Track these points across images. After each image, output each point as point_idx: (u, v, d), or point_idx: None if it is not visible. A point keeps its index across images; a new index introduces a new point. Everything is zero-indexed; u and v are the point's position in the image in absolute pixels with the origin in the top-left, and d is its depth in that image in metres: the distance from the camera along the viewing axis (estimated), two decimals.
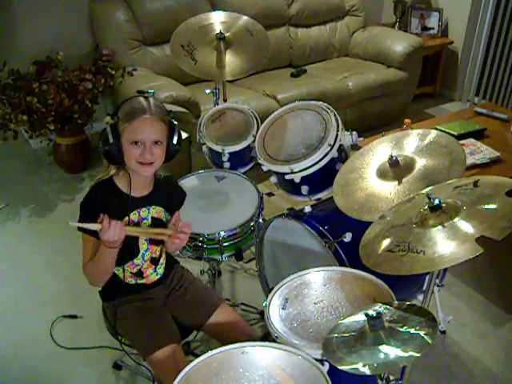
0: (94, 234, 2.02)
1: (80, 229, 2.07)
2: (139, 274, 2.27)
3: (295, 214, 2.64)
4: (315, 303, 2.08)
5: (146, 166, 2.07)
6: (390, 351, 1.60)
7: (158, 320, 2.28)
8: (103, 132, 2.04)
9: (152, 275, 2.31)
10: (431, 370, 2.86)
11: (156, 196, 2.21)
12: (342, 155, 2.68)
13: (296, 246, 2.74)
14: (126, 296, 2.28)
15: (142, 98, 2.07)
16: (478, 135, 3.64)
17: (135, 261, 2.22)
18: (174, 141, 2.14)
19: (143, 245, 2.23)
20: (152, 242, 2.25)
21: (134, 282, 2.28)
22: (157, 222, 2.24)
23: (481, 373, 2.87)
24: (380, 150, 2.37)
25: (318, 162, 2.57)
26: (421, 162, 2.20)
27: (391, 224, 1.87)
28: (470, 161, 3.25)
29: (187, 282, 2.45)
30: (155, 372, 2.18)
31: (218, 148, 3.03)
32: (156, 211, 2.23)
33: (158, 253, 2.31)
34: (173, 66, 4.05)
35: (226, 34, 3.25)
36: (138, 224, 2.18)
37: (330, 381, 1.67)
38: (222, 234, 2.66)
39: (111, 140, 2.01)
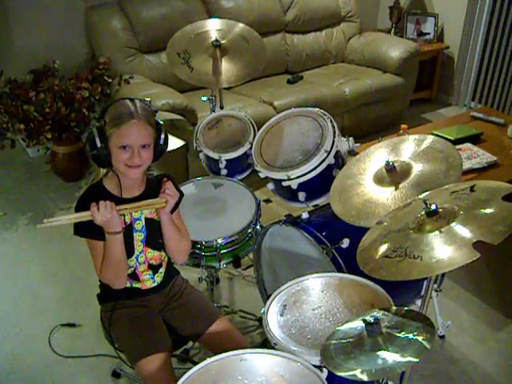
0: (96, 235, 2.06)
1: (81, 234, 2.10)
2: (134, 276, 2.27)
3: (293, 221, 2.64)
4: (313, 309, 2.08)
5: (133, 168, 2.07)
6: (389, 357, 1.60)
7: (150, 327, 2.28)
8: (90, 135, 2.04)
9: (148, 281, 2.31)
10: (430, 375, 2.85)
11: (148, 196, 2.19)
12: (339, 161, 2.68)
13: (294, 253, 2.74)
14: (122, 299, 2.28)
15: (128, 101, 2.07)
16: (475, 140, 3.64)
17: (129, 262, 2.22)
18: (161, 141, 2.15)
19: (138, 246, 2.22)
20: (149, 244, 2.26)
21: (129, 284, 2.28)
22: (151, 223, 2.24)
23: (480, 377, 2.87)
24: (377, 156, 2.38)
25: (314, 169, 2.57)
26: (417, 168, 2.20)
27: (388, 229, 1.87)
28: (466, 165, 3.26)
29: (186, 292, 2.44)
30: (142, 379, 2.17)
31: (214, 155, 3.03)
32: (149, 211, 2.23)
33: (158, 260, 2.30)
34: (169, 73, 4.06)
35: (222, 42, 3.26)
36: (130, 225, 2.19)
37: None
38: (220, 241, 2.66)
39: (99, 144, 2.02)
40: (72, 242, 2.14)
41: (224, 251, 2.72)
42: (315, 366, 1.76)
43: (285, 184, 2.64)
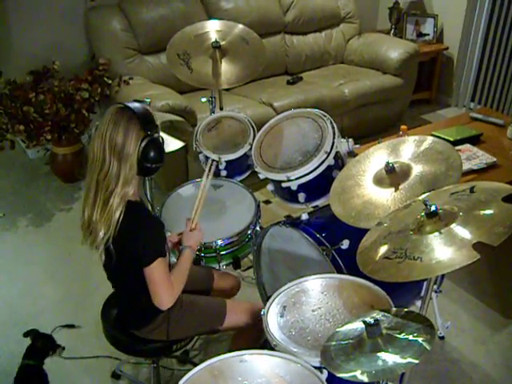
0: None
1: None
2: None
3: (292, 222, 2.64)
4: (313, 311, 2.08)
5: None
6: (389, 358, 1.60)
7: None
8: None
9: None
10: (430, 377, 2.86)
11: None
12: (339, 162, 2.68)
13: (293, 254, 2.74)
14: None
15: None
16: (474, 141, 3.64)
17: None
18: None
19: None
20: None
21: None
22: None
23: (480, 378, 2.87)
24: (376, 157, 2.38)
25: (314, 170, 2.57)
26: (417, 169, 2.20)
27: (388, 231, 1.87)
28: (466, 166, 3.26)
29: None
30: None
31: (214, 156, 3.03)
32: None
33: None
34: (169, 74, 4.05)
35: (222, 43, 3.26)
36: None
37: None
38: (220, 242, 2.66)
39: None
40: (72, 243, 2.14)
41: (223, 252, 2.72)
42: (315, 367, 1.76)
43: (284, 185, 2.64)
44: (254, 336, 2.42)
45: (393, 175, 2.21)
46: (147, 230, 2.08)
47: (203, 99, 3.37)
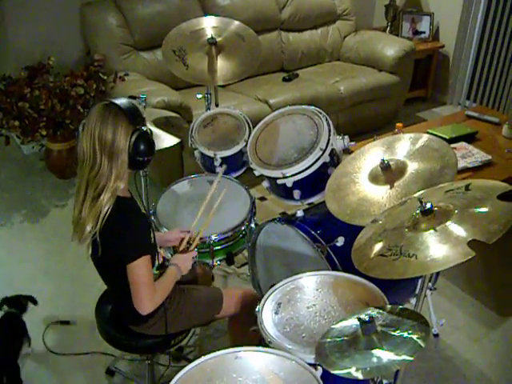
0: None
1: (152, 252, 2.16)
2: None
3: (287, 219, 2.64)
4: (308, 308, 2.08)
5: None
6: (383, 355, 1.60)
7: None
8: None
9: None
10: (424, 374, 2.86)
11: None
12: (334, 159, 2.68)
13: (288, 251, 2.74)
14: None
15: None
16: (470, 139, 3.65)
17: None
18: None
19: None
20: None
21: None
22: None
23: (474, 376, 2.88)
24: (372, 154, 2.38)
25: (309, 167, 2.57)
26: (412, 166, 2.20)
27: (383, 228, 1.87)
28: (461, 164, 3.26)
29: None
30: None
31: (209, 153, 3.03)
32: None
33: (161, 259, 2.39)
34: (164, 70, 4.05)
35: (218, 39, 3.26)
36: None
37: None
38: (214, 237, 2.66)
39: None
40: (66, 239, 2.12)
41: (217, 248, 2.72)
42: (310, 364, 1.76)
43: (280, 182, 2.64)
44: (249, 319, 2.43)
45: (388, 172, 2.21)
46: (133, 227, 2.06)
47: (199, 96, 3.37)
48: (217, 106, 3.49)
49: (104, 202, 1.99)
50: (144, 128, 2.04)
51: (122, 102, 2.02)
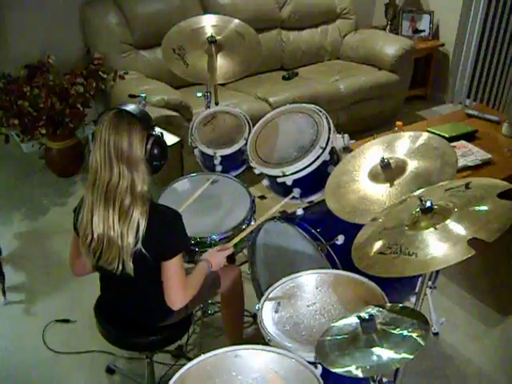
0: None
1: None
2: None
3: (287, 217, 2.64)
4: (308, 306, 2.08)
5: None
6: (383, 353, 1.60)
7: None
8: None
9: None
10: (424, 372, 2.86)
11: None
12: (334, 158, 2.68)
13: (288, 249, 2.74)
14: None
15: None
16: (470, 137, 3.65)
17: None
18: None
19: None
20: None
21: None
22: None
23: (474, 374, 2.88)
24: (372, 153, 2.38)
25: (309, 165, 2.57)
26: (412, 165, 2.20)
27: (383, 226, 1.87)
28: (461, 163, 3.26)
29: None
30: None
31: (209, 151, 3.02)
32: None
33: None
34: (164, 69, 4.04)
35: (218, 38, 3.25)
36: None
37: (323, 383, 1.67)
38: (214, 237, 2.66)
39: None
40: (66, 237, 2.12)
41: None
42: (310, 363, 1.76)
43: (280, 180, 2.64)
44: (239, 295, 2.67)
45: (388, 171, 2.21)
46: (172, 227, 2.08)
47: (199, 94, 3.36)
48: (217, 104, 3.49)
49: (139, 212, 1.97)
50: (155, 132, 2.04)
51: (132, 108, 2.00)
